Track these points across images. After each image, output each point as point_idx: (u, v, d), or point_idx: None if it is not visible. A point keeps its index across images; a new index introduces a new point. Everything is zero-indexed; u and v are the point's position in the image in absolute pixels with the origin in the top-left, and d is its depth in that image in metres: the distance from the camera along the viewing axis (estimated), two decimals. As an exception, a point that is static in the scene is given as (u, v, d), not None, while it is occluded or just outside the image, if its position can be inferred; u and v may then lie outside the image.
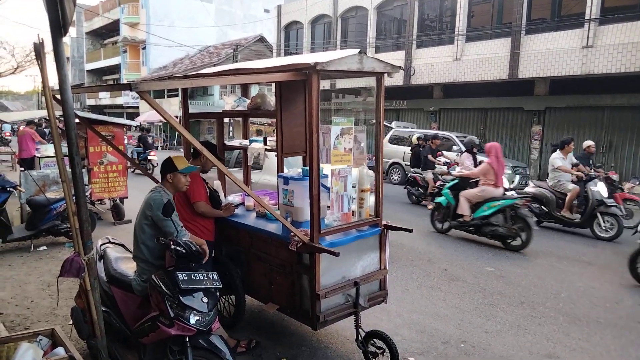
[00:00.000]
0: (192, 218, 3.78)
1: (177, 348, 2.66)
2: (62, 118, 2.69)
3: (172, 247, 2.70)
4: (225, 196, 4.53)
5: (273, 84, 4.45)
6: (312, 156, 3.15)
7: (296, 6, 24.03)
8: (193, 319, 2.61)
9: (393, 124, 16.98)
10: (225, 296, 4.18)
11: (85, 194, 2.86)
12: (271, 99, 4.37)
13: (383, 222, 3.76)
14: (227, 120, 20.99)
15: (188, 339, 2.63)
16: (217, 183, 4.46)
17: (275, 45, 26.08)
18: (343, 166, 3.49)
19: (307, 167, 3.31)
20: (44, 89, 2.95)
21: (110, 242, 3.85)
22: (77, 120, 3.64)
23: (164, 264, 3.02)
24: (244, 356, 3.67)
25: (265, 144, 4.35)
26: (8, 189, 6.40)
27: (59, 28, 2.53)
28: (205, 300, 2.68)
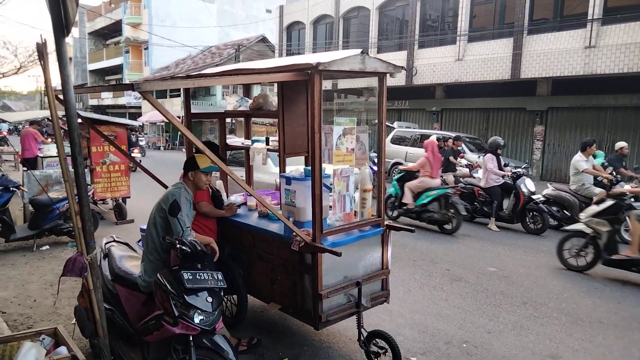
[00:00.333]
0: (195, 218, 3.79)
1: (181, 347, 2.67)
2: (65, 118, 2.70)
3: (178, 247, 2.71)
4: (227, 196, 4.53)
5: (275, 84, 4.46)
6: (315, 156, 3.15)
7: (298, 6, 24.05)
8: (197, 318, 2.62)
9: (395, 124, 16.94)
10: (227, 296, 4.18)
11: (87, 194, 2.87)
12: (273, 99, 4.37)
13: (385, 222, 3.76)
14: (230, 120, 21.01)
15: (192, 338, 2.64)
16: (220, 183, 4.47)
17: (277, 45, 26.10)
18: (345, 166, 3.49)
19: (310, 167, 3.31)
20: (47, 89, 2.96)
21: (114, 241, 3.87)
22: (80, 120, 3.66)
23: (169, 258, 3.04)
24: (246, 356, 3.68)
25: (267, 144, 4.36)
26: (11, 189, 6.42)
27: (62, 28, 2.54)
28: (209, 299, 2.68)
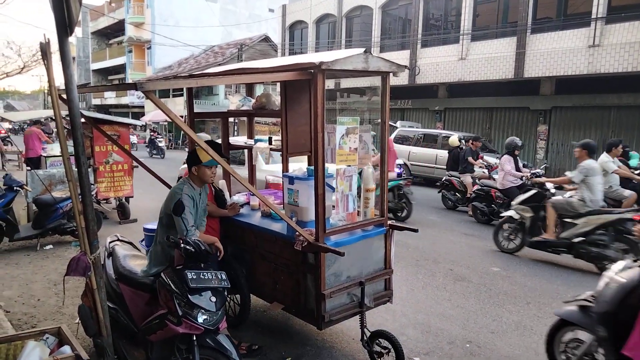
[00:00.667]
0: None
1: (185, 346, 2.67)
2: (68, 117, 2.70)
3: (182, 246, 2.71)
4: (230, 195, 4.53)
5: (278, 84, 4.46)
6: (318, 155, 3.14)
7: (301, 6, 24.04)
8: (201, 318, 2.62)
9: (398, 124, 16.91)
10: (230, 295, 4.18)
11: (91, 193, 2.88)
12: (276, 99, 4.36)
13: (388, 222, 3.75)
14: (232, 119, 21.04)
15: (195, 338, 2.64)
16: (222, 182, 4.46)
17: (279, 44, 26.11)
18: (348, 166, 3.48)
19: (312, 167, 3.30)
20: (50, 89, 2.97)
21: (118, 240, 3.87)
22: (83, 119, 3.66)
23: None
24: (249, 356, 3.68)
25: (270, 144, 4.35)
26: (15, 188, 6.45)
27: (65, 28, 2.54)
28: (213, 299, 2.68)
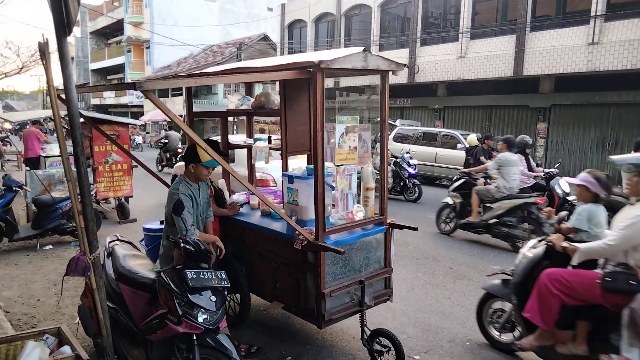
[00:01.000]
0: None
1: (185, 346, 2.67)
2: (67, 117, 2.70)
3: (182, 246, 2.71)
4: (229, 195, 4.53)
5: (277, 83, 4.45)
6: (317, 154, 3.14)
7: (300, 4, 24.01)
8: (201, 317, 2.62)
9: (397, 122, 16.92)
10: (230, 295, 4.18)
11: (90, 193, 2.87)
12: (275, 98, 4.36)
13: (388, 221, 3.75)
14: (232, 119, 21.03)
15: (195, 337, 2.64)
16: (222, 182, 4.46)
17: (279, 43, 26.08)
18: (348, 164, 3.48)
19: (312, 166, 3.30)
20: (49, 89, 2.96)
21: (118, 240, 3.88)
22: (82, 119, 3.65)
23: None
24: (249, 357, 3.68)
25: (269, 143, 4.35)
26: (14, 188, 6.45)
27: (64, 28, 2.54)
28: (213, 299, 2.68)
